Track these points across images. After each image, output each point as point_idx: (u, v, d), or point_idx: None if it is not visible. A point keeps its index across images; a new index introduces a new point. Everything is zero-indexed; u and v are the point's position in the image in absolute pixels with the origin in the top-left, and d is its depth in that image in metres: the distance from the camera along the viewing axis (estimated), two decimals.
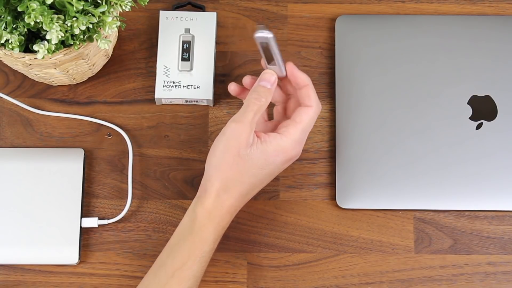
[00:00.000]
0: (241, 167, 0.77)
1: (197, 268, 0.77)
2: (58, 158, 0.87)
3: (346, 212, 0.88)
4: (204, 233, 0.77)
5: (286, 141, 0.79)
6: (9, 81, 0.91)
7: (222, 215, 0.78)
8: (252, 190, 0.80)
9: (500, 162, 0.87)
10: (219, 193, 0.77)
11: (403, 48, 0.90)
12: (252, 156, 0.77)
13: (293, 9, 0.93)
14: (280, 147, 0.78)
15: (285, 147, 0.78)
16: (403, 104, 0.88)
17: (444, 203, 0.86)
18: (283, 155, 0.79)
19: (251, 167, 0.78)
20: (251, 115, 0.78)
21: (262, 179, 0.79)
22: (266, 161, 0.78)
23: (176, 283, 0.76)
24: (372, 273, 0.86)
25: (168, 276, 0.77)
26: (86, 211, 0.88)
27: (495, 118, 0.88)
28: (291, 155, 0.79)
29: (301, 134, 0.80)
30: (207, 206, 0.77)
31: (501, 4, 0.93)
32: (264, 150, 0.78)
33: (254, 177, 0.78)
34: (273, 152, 0.78)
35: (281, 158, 0.79)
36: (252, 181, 0.78)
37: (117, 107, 0.91)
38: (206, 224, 0.77)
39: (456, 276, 0.86)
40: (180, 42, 0.90)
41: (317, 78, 0.91)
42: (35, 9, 0.73)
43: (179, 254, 0.77)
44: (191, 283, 0.77)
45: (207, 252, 0.78)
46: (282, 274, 0.86)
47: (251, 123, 0.77)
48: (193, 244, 0.77)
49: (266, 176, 0.79)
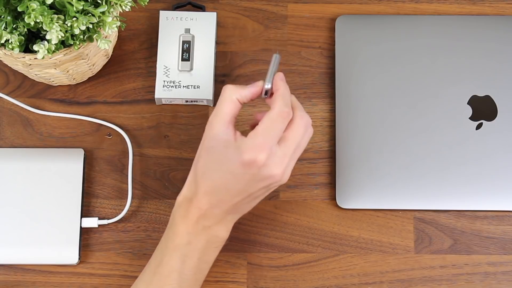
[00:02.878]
0: (204, 159, 0.76)
1: (175, 263, 0.76)
2: (58, 158, 0.87)
3: (346, 212, 0.88)
4: (175, 225, 0.77)
5: (244, 140, 0.74)
6: (9, 81, 0.91)
7: (187, 209, 0.77)
8: (216, 190, 0.76)
9: (500, 162, 0.87)
10: (188, 183, 0.77)
11: (403, 48, 0.90)
12: (215, 151, 0.75)
13: (293, 9, 0.93)
14: (238, 144, 0.74)
15: (242, 146, 0.74)
16: (403, 104, 0.89)
17: (444, 203, 0.86)
18: (239, 154, 0.73)
19: (212, 160, 0.75)
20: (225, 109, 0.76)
21: (223, 178, 0.75)
22: (224, 155, 0.74)
23: (157, 279, 0.76)
24: (372, 273, 0.86)
25: (152, 273, 0.77)
26: (86, 211, 0.88)
27: (495, 118, 0.88)
28: (248, 158, 0.73)
29: (262, 138, 0.73)
30: (178, 199, 0.78)
31: (501, 4, 0.93)
32: (227, 145, 0.75)
33: (213, 172, 0.75)
34: (231, 148, 0.74)
35: (237, 158, 0.74)
36: (211, 176, 0.75)
37: (117, 107, 0.91)
38: (175, 217, 0.77)
39: (456, 276, 0.86)
40: (180, 42, 0.90)
41: (317, 78, 0.91)
42: (35, 9, 0.72)
43: (158, 249, 0.78)
44: (172, 279, 0.76)
45: (182, 245, 0.76)
46: (282, 274, 0.86)
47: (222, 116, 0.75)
48: (166, 236, 0.78)
49: (225, 174, 0.75)
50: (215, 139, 0.75)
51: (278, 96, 0.76)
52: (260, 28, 0.93)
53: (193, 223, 0.77)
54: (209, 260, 0.79)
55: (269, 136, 0.74)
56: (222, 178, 0.75)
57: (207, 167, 0.76)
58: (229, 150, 0.74)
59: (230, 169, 0.74)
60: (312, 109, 0.90)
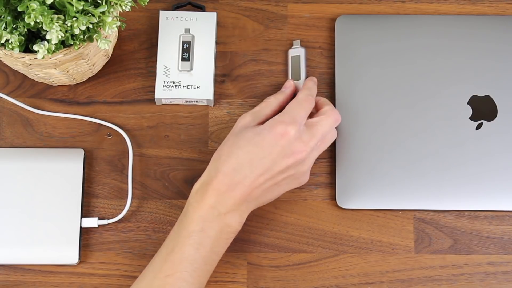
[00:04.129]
0: (231, 141, 0.80)
1: (188, 250, 0.76)
2: (58, 158, 0.87)
3: (346, 212, 0.88)
4: (189, 212, 0.78)
5: (274, 118, 0.81)
6: (9, 81, 0.91)
7: (203, 193, 0.78)
8: (239, 167, 0.78)
9: (500, 162, 0.87)
10: (208, 170, 0.80)
11: (403, 48, 0.90)
12: (244, 132, 0.80)
13: (293, 9, 0.93)
14: (268, 123, 0.80)
15: (272, 122, 0.80)
16: (403, 104, 0.89)
17: (444, 203, 0.86)
18: (269, 128, 0.79)
19: (240, 139, 0.80)
20: (256, 108, 0.84)
21: (250, 152, 0.78)
22: (254, 132, 0.80)
23: (168, 267, 0.76)
24: (372, 273, 0.86)
25: (162, 260, 0.77)
26: (86, 211, 0.88)
27: (495, 118, 0.88)
28: (279, 130, 0.79)
29: (290, 116, 0.80)
30: (195, 186, 0.79)
31: (501, 4, 0.93)
32: (257, 127, 0.81)
33: (240, 149, 0.79)
34: (262, 127, 0.80)
35: (267, 131, 0.79)
36: (237, 153, 0.79)
37: (117, 107, 0.91)
38: (190, 202, 0.78)
39: (456, 276, 0.86)
40: (180, 42, 0.90)
41: (317, 78, 0.91)
42: (35, 9, 0.73)
43: (169, 237, 0.78)
44: (184, 266, 0.76)
45: (196, 232, 0.77)
46: (282, 274, 0.86)
47: (253, 113, 0.83)
48: (180, 224, 0.78)
49: (253, 147, 0.79)
50: (246, 126, 0.81)
51: (304, 86, 0.85)
52: (260, 28, 0.93)
53: (208, 208, 0.77)
54: (219, 251, 0.79)
55: (297, 115, 0.81)
56: (250, 152, 0.78)
57: (234, 146, 0.79)
58: (259, 129, 0.80)
59: (259, 142, 0.78)
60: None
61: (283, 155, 0.79)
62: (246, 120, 0.82)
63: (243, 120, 0.82)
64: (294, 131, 0.79)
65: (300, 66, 0.90)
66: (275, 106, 0.84)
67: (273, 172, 0.79)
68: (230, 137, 0.81)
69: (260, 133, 0.79)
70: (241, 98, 0.91)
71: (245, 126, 0.81)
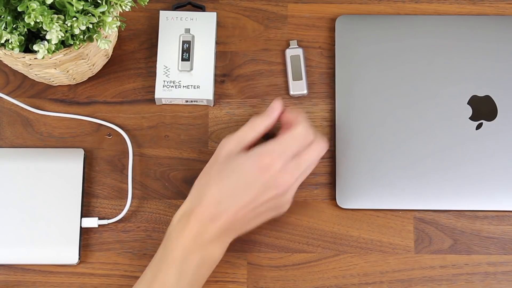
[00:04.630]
0: (215, 170, 0.78)
1: (170, 279, 0.76)
2: (58, 158, 0.87)
3: (346, 212, 0.88)
4: (172, 239, 0.77)
5: (264, 146, 0.78)
6: (9, 81, 0.91)
7: (186, 222, 0.77)
8: (223, 198, 0.77)
9: (500, 162, 0.87)
10: (190, 198, 0.79)
11: (403, 48, 0.90)
12: (229, 161, 0.78)
13: (293, 9, 0.93)
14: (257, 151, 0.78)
15: (261, 151, 0.77)
16: (403, 104, 0.89)
17: (444, 203, 0.86)
18: (257, 157, 0.77)
19: (224, 168, 0.78)
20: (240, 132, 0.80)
21: (234, 184, 0.77)
22: (238, 161, 0.78)
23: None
24: (372, 273, 0.86)
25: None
26: (86, 211, 0.88)
27: (495, 118, 0.88)
28: (266, 163, 0.76)
29: (282, 148, 0.78)
30: (176, 216, 0.79)
31: (501, 4, 0.93)
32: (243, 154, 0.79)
33: (223, 180, 0.77)
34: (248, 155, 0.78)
35: (253, 161, 0.77)
36: (221, 183, 0.77)
37: (117, 107, 0.91)
38: (172, 232, 0.78)
39: (456, 276, 0.86)
40: (180, 42, 0.90)
41: (317, 78, 0.91)
42: (35, 9, 0.72)
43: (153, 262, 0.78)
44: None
45: (178, 261, 0.76)
46: (282, 274, 0.86)
47: (238, 137, 0.80)
48: (163, 250, 0.78)
49: (237, 180, 0.77)
50: (230, 154, 0.79)
51: (303, 118, 0.80)
52: (260, 28, 0.93)
53: (191, 238, 0.77)
54: (201, 280, 0.79)
55: (288, 149, 0.78)
56: (234, 183, 0.77)
57: (217, 176, 0.77)
58: (244, 158, 0.77)
59: (244, 174, 0.77)
60: (312, 109, 0.90)
61: (267, 187, 0.77)
62: (230, 146, 0.79)
63: (227, 146, 0.79)
64: (281, 165, 0.77)
65: (301, 65, 0.90)
66: (260, 130, 0.81)
67: (256, 203, 0.78)
68: (214, 165, 0.79)
69: (244, 163, 0.77)
70: (241, 98, 0.91)
71: (229, 153, 0.79)
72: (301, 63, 0.90)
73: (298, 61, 0.90)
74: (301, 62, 0.90)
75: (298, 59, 0.90)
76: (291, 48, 0.91)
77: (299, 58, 0.90)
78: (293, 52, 0.91)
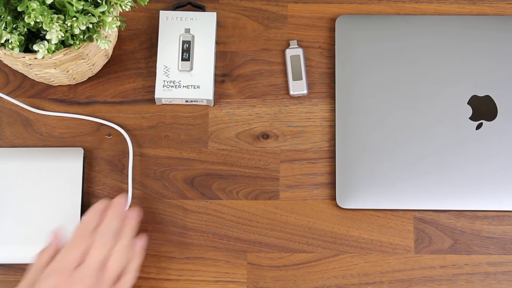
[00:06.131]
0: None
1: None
2: (58, 157, 0.87)
3: (346, 212, 0.88)
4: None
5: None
6: (9, 81, 0.91)
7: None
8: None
9: (500, 162, 0.87)
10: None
11: (403, 48, 0.90)
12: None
13: (293, 9, 0.93)
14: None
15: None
16: (403, 104, 0.89)
17: (444, 203, 0.86)
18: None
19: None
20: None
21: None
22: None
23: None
24: (372, 273, 0.86)
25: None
26: None
27: (495, 118, 0.88)
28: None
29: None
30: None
31: (501, 4, 0.93)
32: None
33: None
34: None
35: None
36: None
37: (117, 107, 0.91)
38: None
39: (456, 276, 0.86)
40: (180, 42, 0.90)
41: (317, 78, 0.91)
42: (35, 9, 0.73)
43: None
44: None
45: None
46: (282, 274, 0.86)
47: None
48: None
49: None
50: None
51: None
52: (260, 28, 0.93)
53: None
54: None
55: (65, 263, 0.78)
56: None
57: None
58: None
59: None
60: (312, 109, 0.90)
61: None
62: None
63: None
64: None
65: (301, 65, 0.90)
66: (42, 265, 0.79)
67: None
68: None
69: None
70: (241, 98, 0.91)
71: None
72: (301, 63, 0.90)
73: (298, 61, 0.90)
74: (301, 62, 0.90)
75: (298, 59, 0.90)
76: (291, 48, 0.91)
77: (299, 58, 0.90)
78: (293, 52, 0.91)
